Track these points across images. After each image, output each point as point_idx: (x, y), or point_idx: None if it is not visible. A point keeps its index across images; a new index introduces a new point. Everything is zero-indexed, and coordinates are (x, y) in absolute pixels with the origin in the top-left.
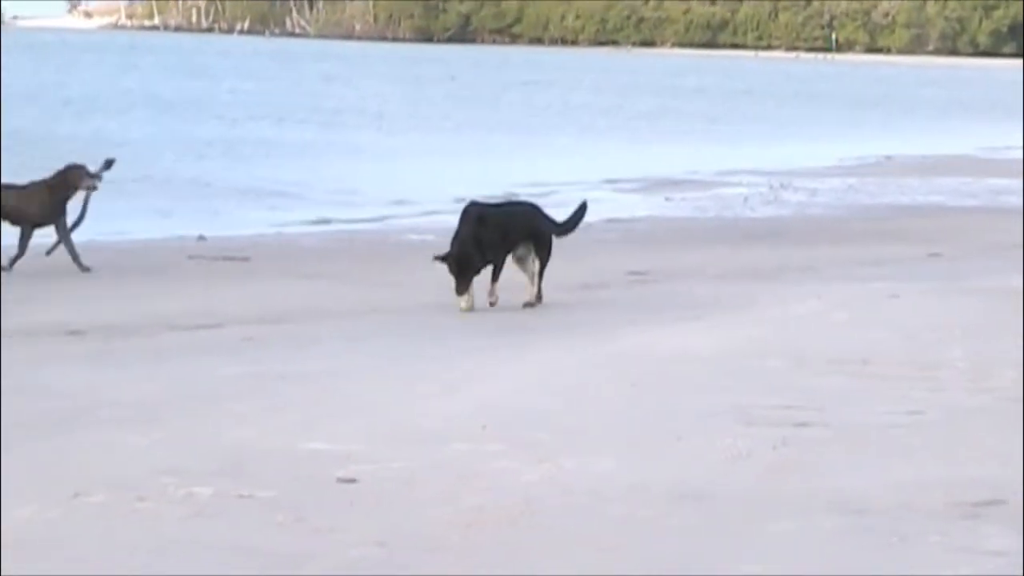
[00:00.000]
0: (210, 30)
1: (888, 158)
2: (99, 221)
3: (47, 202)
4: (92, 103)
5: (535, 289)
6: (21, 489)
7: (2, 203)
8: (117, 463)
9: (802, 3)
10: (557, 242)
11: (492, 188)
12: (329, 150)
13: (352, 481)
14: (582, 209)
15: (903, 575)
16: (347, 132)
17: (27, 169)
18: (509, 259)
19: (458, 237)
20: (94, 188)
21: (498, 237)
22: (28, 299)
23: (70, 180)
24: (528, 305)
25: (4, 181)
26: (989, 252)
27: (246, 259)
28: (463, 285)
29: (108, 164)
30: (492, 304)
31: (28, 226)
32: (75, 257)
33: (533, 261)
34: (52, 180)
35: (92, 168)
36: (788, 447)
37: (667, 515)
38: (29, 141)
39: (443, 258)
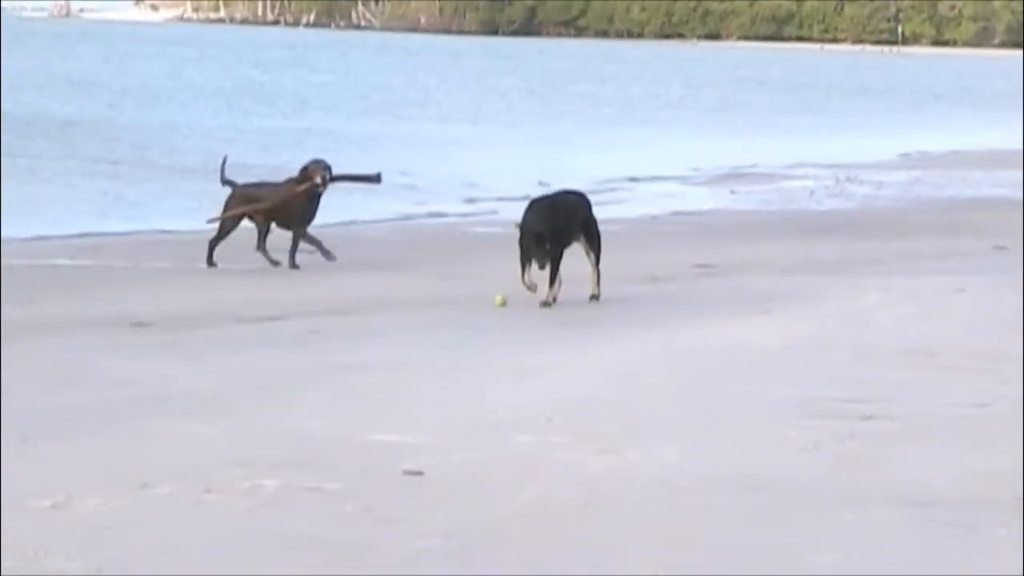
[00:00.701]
0: (276, 23)
1: (954, 151)
2: (164, 212)
3: (305, 200)
4: (156, 94)
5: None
6: (89, 478)
7: (248, 196)
8: (184, 454)
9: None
10: (624, 234)
11: (561, 180)
12: (395, 141)
13: (418, 473)
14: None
15: (970, 567)
16: (413, 123)
17: (82, 158)
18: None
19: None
20: (322, 186)
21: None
22: (89, 290)
23: (309, 173)
24: (594, 298)
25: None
26: None
27: (312, 251)
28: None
29: (375, 177)
30: (546, 304)
31: (298, 226)
32: (319, 250)
33: (588, 254)
34: (300, 177)
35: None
36: (855, 439)
37: (734, 506)
38: (91, 129)
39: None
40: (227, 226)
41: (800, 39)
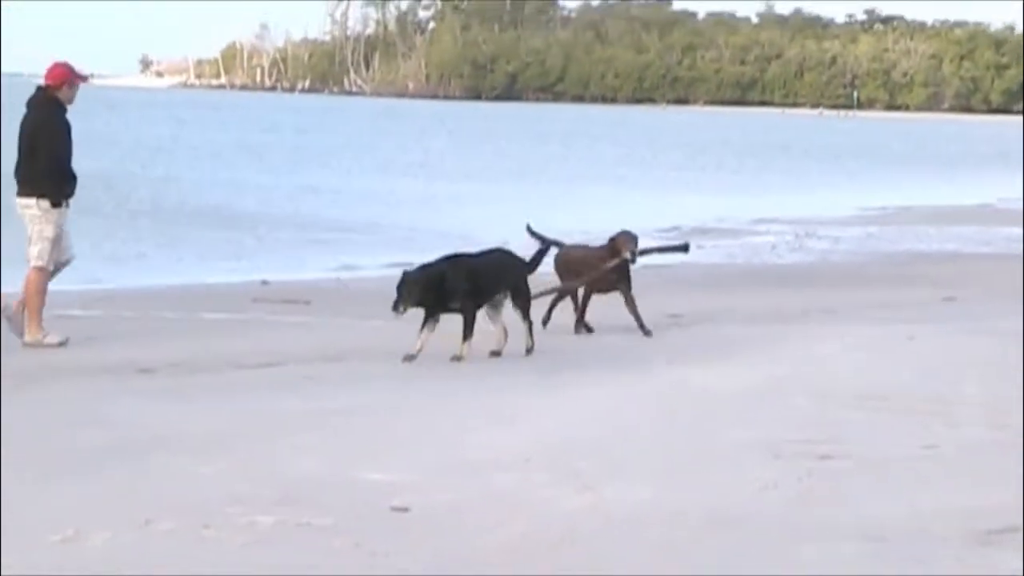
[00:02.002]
0: (273, 88)
1: (906, 208)
2: (166, 265)
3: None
4: (163, 152)
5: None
6: (98, 515)
7: (567, 259)
8: (186, 492)
9: (826, 63)
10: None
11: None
12: (385, 198)
13: (405, 510)
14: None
15: None
16: (401, 181)
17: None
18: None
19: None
20: (630, 261)
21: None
22: (99, 339)
23: (617, 246)
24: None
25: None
26: (1002, 296)
27: (308, 303)
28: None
29: (683, 247)
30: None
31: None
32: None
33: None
34: (609, 250)
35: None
36: (813, 478)
37: (702, 541)
38: (107, 185)
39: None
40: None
41: (763, 103)
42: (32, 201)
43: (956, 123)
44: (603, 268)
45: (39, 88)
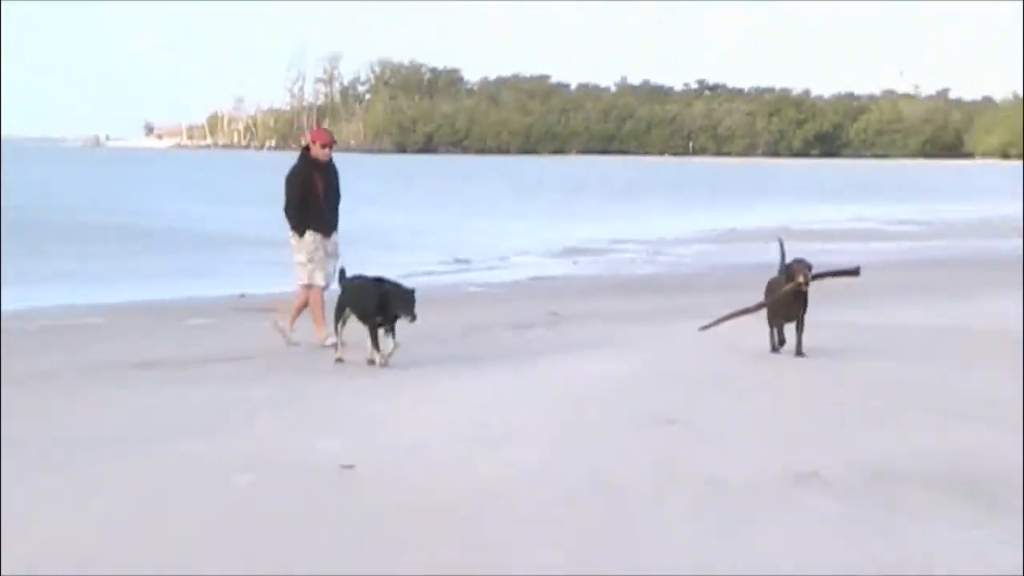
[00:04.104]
0: (247, 147)
1: (731, 230)
2: (169, 284)
3: (791, 298)
4: (161, 194)
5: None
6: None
7: (770, 284)
8: (183, 459)
9: (668, 121)
10: (499, 295)
11: (453, 254)
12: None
13: (351, 467)
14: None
15: (752, 525)
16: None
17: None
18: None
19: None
20: (802, 287)
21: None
22: (111, 341)
23: (792, 272)
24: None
25: None
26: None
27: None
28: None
29: (854, 271)
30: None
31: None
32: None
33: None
34: (786, 276)
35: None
36: (668, 438)
37: (582, 489)
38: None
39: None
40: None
41: (622, 152)
42: (289, 234)
43: (767, 165)
44: (780, 292)
45: (304, 147)
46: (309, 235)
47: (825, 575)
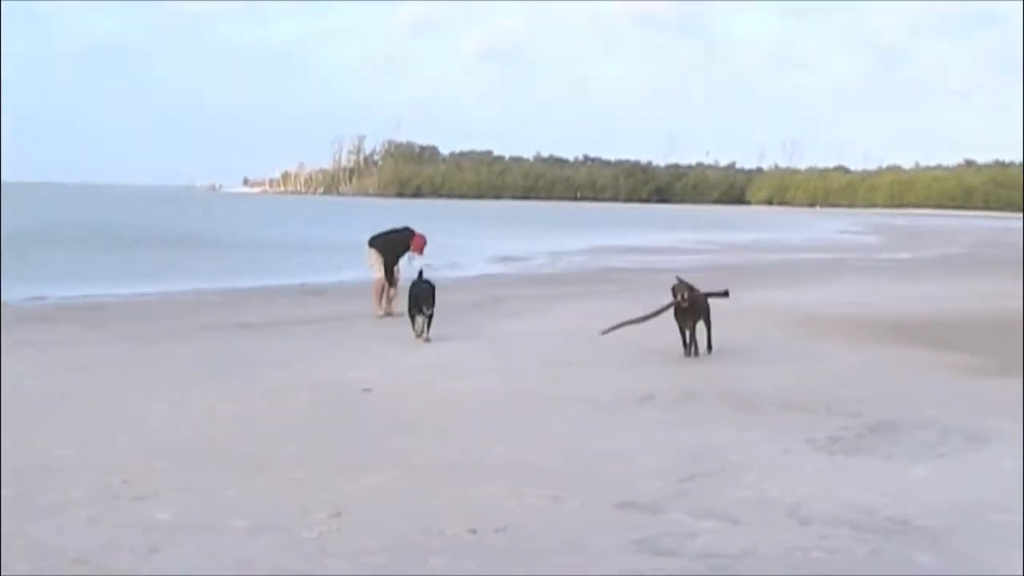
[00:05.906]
0: (305, 193)
1: (606, 246)
2: (248, 278)
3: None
4: (255, 225)
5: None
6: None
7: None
8: (260, 382)
9: (564, 179)
10: (454, 284)
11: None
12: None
13: (369, 390)
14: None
15: (622, 432)
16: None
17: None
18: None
19: None
20: (681, 303)
21: None
22: (220, 308)
23: (673, 291)
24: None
25: None
26: (647, 289)
27: (324, 292)
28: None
29: (724, 293)
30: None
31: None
32: None
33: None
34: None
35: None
36: (560, 369)
37: (509, 400)
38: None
39: None
40: None
41: (537, 198)
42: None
43: (625, 208)
44: (660, 308)
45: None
46: (375, 254)
47: (656, 456)
